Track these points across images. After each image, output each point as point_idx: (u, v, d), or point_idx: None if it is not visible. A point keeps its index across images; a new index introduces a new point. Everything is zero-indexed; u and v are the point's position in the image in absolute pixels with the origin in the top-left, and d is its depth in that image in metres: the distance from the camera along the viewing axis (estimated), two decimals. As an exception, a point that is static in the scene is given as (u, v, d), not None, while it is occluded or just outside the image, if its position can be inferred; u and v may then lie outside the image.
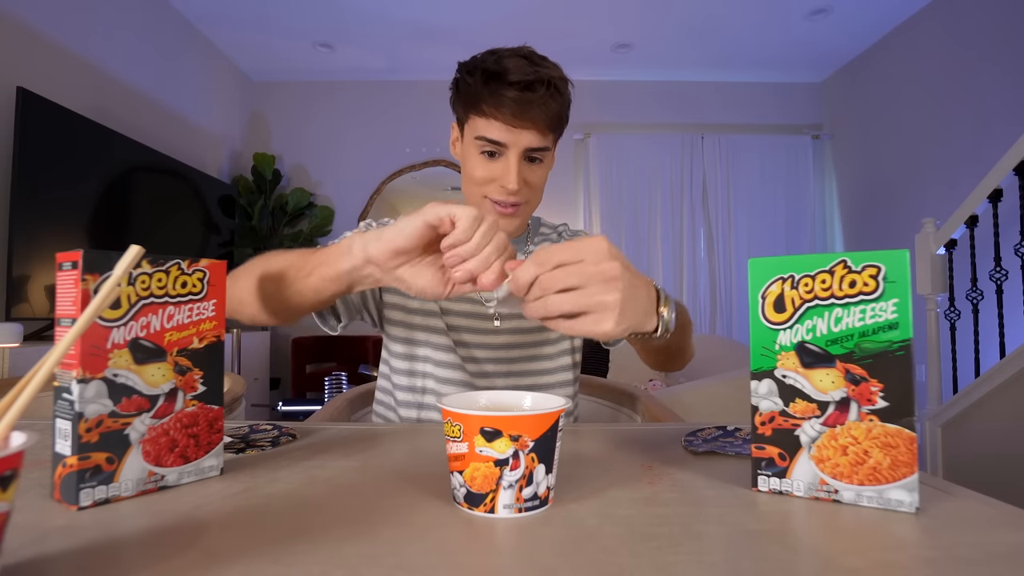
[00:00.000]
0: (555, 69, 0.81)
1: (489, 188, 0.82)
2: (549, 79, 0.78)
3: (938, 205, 3.10)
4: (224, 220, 3.60)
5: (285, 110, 4.26)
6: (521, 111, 0.77)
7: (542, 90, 0.78)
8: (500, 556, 0.33)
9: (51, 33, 2.41)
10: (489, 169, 0.81)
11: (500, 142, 0.79)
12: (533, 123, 0.78)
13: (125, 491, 0.42)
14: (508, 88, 0.77)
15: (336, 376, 3.17)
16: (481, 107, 0.79)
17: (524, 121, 0.78)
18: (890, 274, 0.40)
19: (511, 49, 0.81)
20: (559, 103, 0.81)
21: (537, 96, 0.77)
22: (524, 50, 0.81)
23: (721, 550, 0.34)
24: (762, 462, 0.44)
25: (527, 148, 0.80)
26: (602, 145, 4.22)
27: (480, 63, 0.80)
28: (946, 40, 3.18)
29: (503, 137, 0.79)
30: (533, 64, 0.79)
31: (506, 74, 0.77)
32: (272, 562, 0.32)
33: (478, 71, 0.79)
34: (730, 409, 2.01)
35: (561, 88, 0.81)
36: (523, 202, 0.84)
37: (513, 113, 0.78)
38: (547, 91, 0.78)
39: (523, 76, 0.77)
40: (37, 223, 2.15)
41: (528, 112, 0.77)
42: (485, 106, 0.79)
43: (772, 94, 4.32)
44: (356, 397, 1.06)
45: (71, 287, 0.41)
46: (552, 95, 0.79)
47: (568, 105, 0.84)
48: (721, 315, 4.20)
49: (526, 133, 0.79)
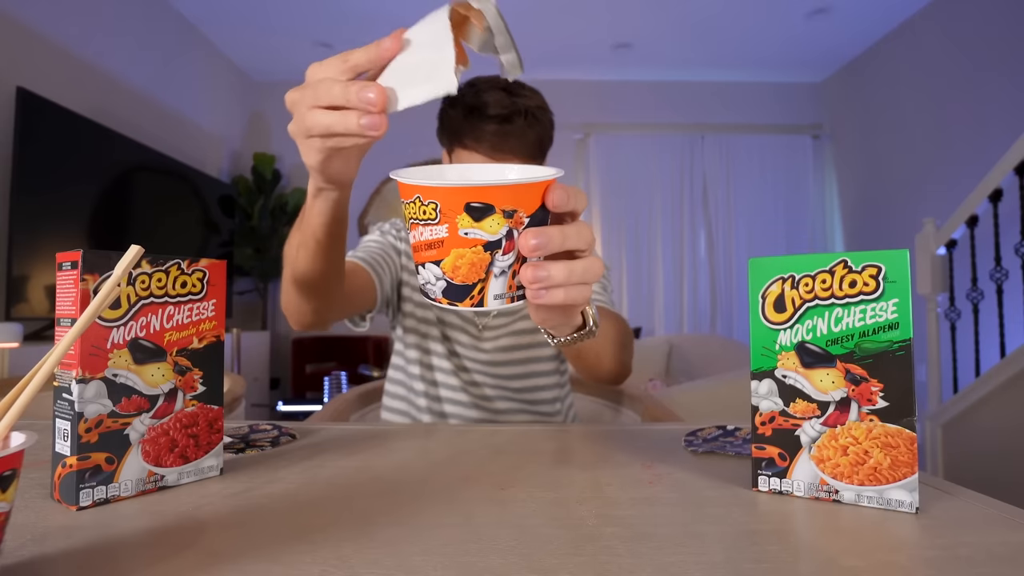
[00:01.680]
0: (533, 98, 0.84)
1: None
2: (527, 109, 0.81)
3: (938, 205, 3.10)
4: (224, 220, 3.60)
5: (285, 110, 4.21)
6: (500, 143, 0.81)
7: (520, 121, 0.81)
8: (500, 556, 0.33)
9: (51, 33, 2.41)
10: None
11: None
12: (513, 153, 0.82)
13: (125, 491, 0.42)
14: (487, 122, 0.80)
15: (336, 376, 3.17)
16: (464, 141, 0.83)
17: (504, 153, 0.81)
18: (890, 274, 0.40)
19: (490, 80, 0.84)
20: (538, 131, 0.84)
21: (515, 128, 0.81)
22: (502, 82, 0.83)
23: (721, 550, 0.34)
24: (762, 462, 0.44)
25: None
26: (602, 145, 4.22)
27: (461, 97, 0.83)
28: (946, 40, 3.18)
29: None
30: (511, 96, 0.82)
31: (485, 108, 0.80)
32: (272, 562, 0.32)
33: (459, 105, 0.82)
34: (730, 409, 2.01)
35: (539, 116, 0.84)
36: None
37: (493, 146, 0.81)
38: (525, 121, 0.81)
39: (501, 109, 0.80)
40: (37, 223, 2.15)
41: (507, 143, 0.81)
42: (467, 140, 0.82)
43: (772, 94, 4.32)
44: (356, 397, 1.06)
45: (71, 287, 0.41)
46: (530, 124, 0.82)
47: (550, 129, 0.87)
48: (721, 315, 4.20)
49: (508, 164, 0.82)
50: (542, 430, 0.65)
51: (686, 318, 4.19)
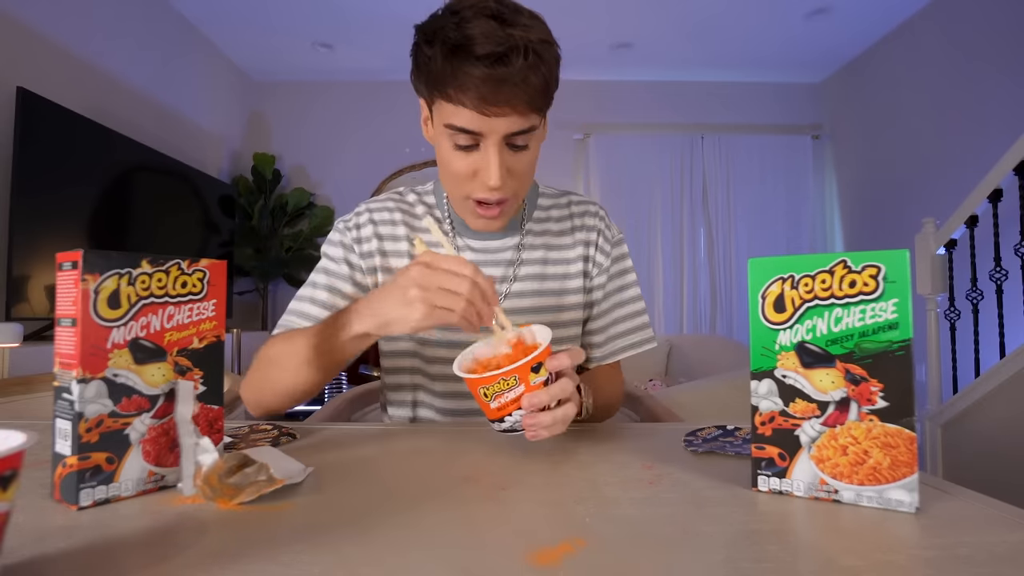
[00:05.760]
0: (534, 28, 0.64)
1: (469, 186, 0.71)
2: (527, 45, 0.62)
3: (938, 205, 3.10)
4: (224, 220, 3.60)
5: (285, 110, 4.25)
6: (494, 92, 0.62)
7: (518, 61, 0.62)
8: (500, 556, 0.33)
9: (51, 33, 2.41)
10: (466, 163, 0.69)
11: (473, 131, 0.66)
12: (510, 105, 0.63)
13: (125, 491, 0.42)
14: (475, 64, 0.61)
15: (336, 376, 3.17)
16: (446, 90, 0.64)
17: (499, 105, 0.63)
18: (890, 274, 0.40)
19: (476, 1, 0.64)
20: (541, 74, 0.64)
21: (512, 71, 0.62)
22: (492, 5, 0.63)
23: (721, 550, 0.34)
24: (762, 462, 0.44)
25: (507, 134, 0.66)
26: (602, 145, 4.22)
27: (440, 30, 0.63)
28: (946, 40, 3.18)
29: (476, 126, 0.65)
30: (505, 26, 0.62)
31: (471, 45, 0.61)
32: (272, 562, 0.32)
33: (438, 41, 0.63)
34: (730, 409, 2.00)
35: (543, 53, 0.64)
36: (509, 197, 0.72)
37: (483, 97, 0.62)
38: (525, 61, 0.62)
39: (493, 47, 0.61)
40: (37, 223, 2.15)
41: (502, 92, 0.62)
42: (450, 89, 0.64)
43: (772, 94, 4.32)
44: (356, 397, 1.06)
45: (71, 287, 0.41)
46: (532, 66, 0.63)
47: (555, 68, 0.67)
48: (721, 315, 4.20)
49: (503, 119, 0.64)
50: (542, 430, 0.65)
51: (686, 318, 4.19)
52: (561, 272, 0.86)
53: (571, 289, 0.86)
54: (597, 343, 0.88)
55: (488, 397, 0.55)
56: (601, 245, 0.88)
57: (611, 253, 0.88)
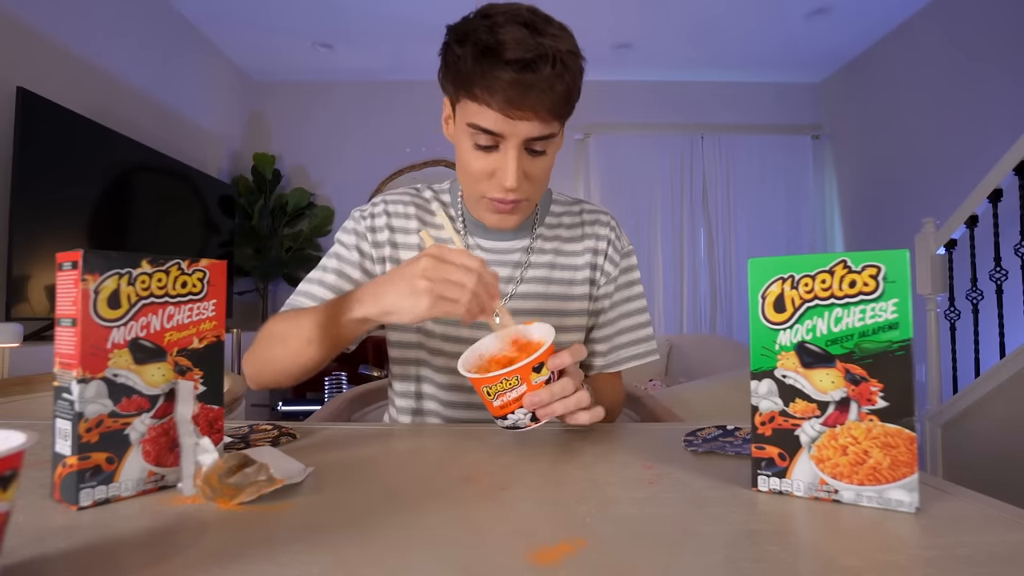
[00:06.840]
0: (563, 39, 0.67)
1: (485, 186, 0.74)
2: (555, 54, 0.65)
3: (938, 205, 3.09)
4: (224, 220, 3.60)
5: (285, 110, 4.25)
6: (520, 97, 0.65)
7: (546, 69, 0.64)
8: (500, 555, 0.33)
9: (51, 33, 2.41)
10: (484, 162, 0.72)
11: (495, 132, 0.69)
12: (534, 111, 0.66)
13: (125, 491, 0.42)
14: (504, 68, 0.64)
15: (336, 376, 3.17)
16: (473, 90, 0.67)
17: (523, 109, 0.66)
18: (890, 274, 0.40)
19: (508, 8, 0.67)
20: (566, 83, 0.67)
21: (539, 77, 0.64)
22: (524, 13, 0.67)
23: (721, 550, 0.34)
24: (762, 462, 0.44)
25: (527, 138, 0.69)
26: (602, 145, 4.22)
27: (472, 32, 0.66)
28: (946, 40, 3.18)
29: (498, 127, 0.68)
30: (536, 34, 0.65)
31: (502, 49, 0.64)
32: (272, 562, 0.32)
33: (469, 42, 0.66)
34: (730, 409, 2.00)
35: (570, 63, 0.67)
36: (523, 199, 0.75)
37: (509, 100, 0.65)
38: (552, 70, 0.65)
39: (523, 53, 0.64)
40: (37, 223, 2.15)
41: (527, 98, 0.65)
42: (477, 89, 0.66)
43: (772, 94, 4.32)
44: (356, 397, 1.06)
45: (71, 287, 0.41)
46: (559, 75, 0.66)
47: (579, 78, 0.70)
48: (721, 315, 4.20)
49: (525, 123, 0.68)
50: (542, 430, 0.65)
51: (686, 318, 4.19)
52: (568, 277, 0.87)
53: (576, 295, 0.86)
54: (601, 352, 0.88)
55: (491, 396, 0.56)
56: (610, 255, 0.88)
57: (620, 263, 0.89)
